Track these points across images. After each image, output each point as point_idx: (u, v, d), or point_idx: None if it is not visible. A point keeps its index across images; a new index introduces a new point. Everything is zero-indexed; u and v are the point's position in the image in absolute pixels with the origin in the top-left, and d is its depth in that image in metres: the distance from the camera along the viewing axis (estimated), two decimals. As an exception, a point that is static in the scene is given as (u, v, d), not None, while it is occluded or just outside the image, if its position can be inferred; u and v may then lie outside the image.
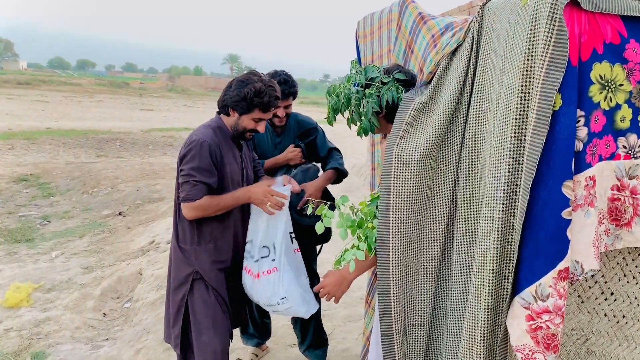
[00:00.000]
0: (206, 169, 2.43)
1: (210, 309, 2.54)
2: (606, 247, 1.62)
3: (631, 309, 1.83)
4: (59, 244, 6.49)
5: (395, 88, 2.19)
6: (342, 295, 2.15)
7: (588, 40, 1.50)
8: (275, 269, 2.54)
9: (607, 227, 1.60)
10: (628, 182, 1.58)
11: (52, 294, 4.93)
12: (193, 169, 2.41)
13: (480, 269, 1.71)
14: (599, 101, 1.51)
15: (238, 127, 2.55)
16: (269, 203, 2.50)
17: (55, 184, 9.68)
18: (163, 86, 62.26)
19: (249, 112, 2.49)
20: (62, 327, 4.23)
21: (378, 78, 2.23)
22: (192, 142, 2.45)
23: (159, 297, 4.59)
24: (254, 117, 2.51)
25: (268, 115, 2.55)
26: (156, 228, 6.84)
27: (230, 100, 2.50)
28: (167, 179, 9.94)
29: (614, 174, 1.57)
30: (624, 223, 1.61)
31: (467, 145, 1.92)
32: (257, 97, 2.45)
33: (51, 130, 16.50)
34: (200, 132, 2.51)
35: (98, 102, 33.58)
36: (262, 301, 2.59)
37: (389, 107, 2.19)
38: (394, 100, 2.18)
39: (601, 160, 1.55)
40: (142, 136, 17.12)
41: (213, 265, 2.57)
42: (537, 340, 1.54)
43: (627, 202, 1.58)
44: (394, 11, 2.48)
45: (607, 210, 1.60)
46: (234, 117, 2.54)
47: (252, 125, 2.53)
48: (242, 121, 2.53)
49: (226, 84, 2.60)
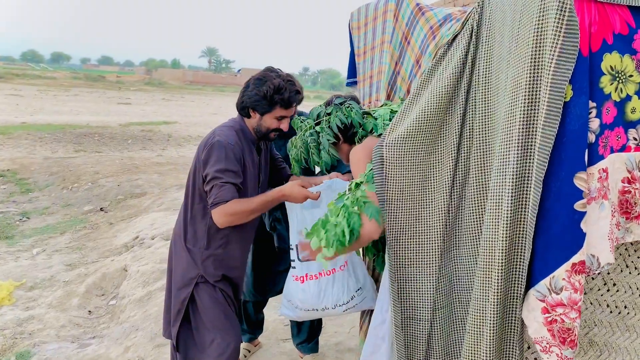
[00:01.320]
0: (233, 171, 2.32)
1: (220, 307, 2.50)
2: (617, 240, 1.62)
3: (633, 299, 1.84)
4: (39, 241, 6.35)
5: (341, 111, 2.26)
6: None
7: (598, 31, 1.49)
8: (345, 264, 2.46)
9: (617, 220, 1.60)
10: (639, 174, 1.58)
11: (34, 292, 4.81)
12: (219, 171, 2.30)
13: (487, 263, 1.69)
14: (609, 92, 1.50)
15: (261, 127, 2.46)
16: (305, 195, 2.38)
17: (34, 180, 9.46)
18: (140, 79, 61.35)
19: (271, 111, 2.41)
20: (46, 326, 4.13)
21: (322, 113, 2.32)
22: (215, 143, 2.34)
23: (146, 294, 4.52)
24: (277, 116, 2.43)
25: (290, 111, 2.46)
26: (140, 224, 6.73)
27: (250, 101, 2.42)
28: (148, 173, 9.79)
29: (625, 166, 1.57)
30: (634, 216, 1.61)
31: (478, 138, 1.90)
32: (277, 94, 2.37)
33: (27, 125, 16.12)
34: (223, 133, 2.41)
35: (74, 95, 32.92)
36: (330, 303, 2.46)
37: (342, 131, 2.27)
38: (344, 122, 2.24)
39: (612, 152, 1.54)
40: (120, 130, 16.83)
41: (217, 271, 2.52)
42: (553, 334, 1.54)
43: (637, 195, 1.58)
44: (391, 1, 2.46)
45: (618, 203, 1.60)
46: (256, 118, 2.46)
47: (275, 124, 2.45)
48: (265, 121, 2.44)
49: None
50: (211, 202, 2.31)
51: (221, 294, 2.53)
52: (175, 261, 2.57)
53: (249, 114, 2.47)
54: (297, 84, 2.46)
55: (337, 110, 2.27)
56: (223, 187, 2.29)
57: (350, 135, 2.27)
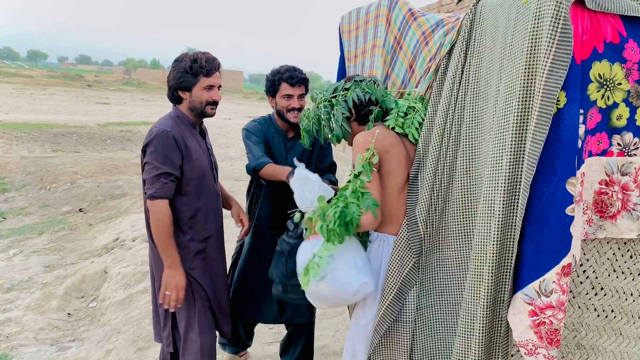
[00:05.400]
0: (170, 159, 2.37)
1: (192, 306, 2.49)
2: (587, 235, 1.68)
3: (619, 303, 1.87)
4: (16, 242, 6.21)
5: (359, 88, 2.23)
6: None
7: (589, 39, 1.52)
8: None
9: (590, 217, 1.66)
10: (620, 178, 1.64)
11: (11, 294, 4.70)
12: (156, 159, 2.36)
13: (478, 265, 1.72)
14: (595, 99, 1.55)
15: (195, 104, 2.49)
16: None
17: (10, 179, 9.26)
18: (119, 79, 60.61)
19: (196, 83, 2.45)
20: (24, 329, 4.04)
21: (340, 87, 2.29)
22: (152, 134, 2.41)
23: (128, 296, 4.45)
24: (203, 86, 2.47)
25: (215, 79, 2.50)
26: (120, 225, 6.63)
27: (175, 82, 2.47)
28: (128, 174, 9.66)
29: (604, 169, 1.63)
30: (609, 215, 1.68)
31: (464, 143, 1.93)
32: (194, 63, 2.43)
33: (2, 124, 15.78)
34: (160, 123, 2.47)
35: (51, 94, 32.34)
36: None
37: (357, 108, 2.23)
38: (361, 99, 2.21)
39: (591, 155, 1.60)
40: (99, 130, 16.59)
41: (195, 256, 2.52)
42: (541, 336, 1.56)
43: (614, 197, 1.64)
44: (383, 6, 2.47)
45: (592, 202, 1.67)
46: (186, 97, 2.50)
47: (206, 96, 2.48)
48: (195, 96, 2.48)
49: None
50: (149, 194, 2.36)
51: (198, 292, 2.52)
52: (152, 261, 2.57)
53: (179, 97, 2.51)
54: (211, 55, 2.52)
55: (356, 86, 2.25)
56: (165, 183, 2.35)
57: (364, 113, 2.24)
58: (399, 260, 2.09)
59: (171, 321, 2.51)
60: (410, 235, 2.07)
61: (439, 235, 2.09)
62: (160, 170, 2.35)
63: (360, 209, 1.96)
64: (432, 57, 2.13)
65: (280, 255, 2.50)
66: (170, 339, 2.52)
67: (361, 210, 1.96)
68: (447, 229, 2.06)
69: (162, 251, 2.39)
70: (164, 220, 2.36)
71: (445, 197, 2.04)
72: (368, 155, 2.01)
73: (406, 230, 2.08)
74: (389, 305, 2.10)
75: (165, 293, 2.40)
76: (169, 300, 2.40)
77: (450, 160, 2.00)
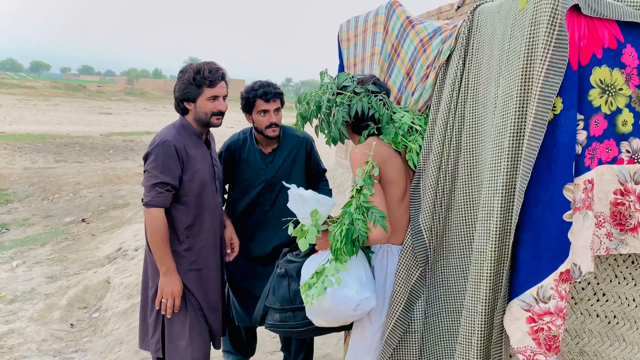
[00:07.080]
0: (169, 168, 2.39)
1: (183, 314, 2.49)
2: (608, 250, 1.64)
3: (622, 309, 1.86)
4: (19, 253, 6.22)
5: (367, 99, 2.14)
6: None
7: (587, 45, 1.52)
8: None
9: (609, 230, 1.62)
10: (634, 187, 1.60)
11: (14, 305, 4.71)
12: (155, 168, 2.38)
13: (477, 273, 1.71)
14: (599, 105, 1.53)
15: (200, 115, 2.51)
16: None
17: (13, 190, 9.30)
18: (121, 89, 60.89)
19: (200, 93, 2.47)
20: (27, 340, 4.04)
21: (350, 87, 2.20)
22: (155, 142, 2.43)
23: (130, 306, 4.45)
24: (207, 97, 2.48)
25: (219, 90, 2.51)
26: (122, 235, 6.64)
27: (180, 93, 2.50)
28: (131, 184, 9.68)
29: (617, 178, 1.59)
30: (630, 228, 1.62)
31: (465, 150, 1.93)
32: (198, 74, 2.45)
33: (6, 135, 15.87)
34: (163, 132, 2.50)
35: (54, 105, 32.53)
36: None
37: (357, 117, 2.16)
38: (363, 111, 2.13)
39: (601, 163, 1.57)
40: (102, 140, 16.67)
41: (190, 266, 2.52)
42: (539, 342, 1.55)
43: (632, 207, 1.60)
44: (381, 14, 2.48)
45: (610, 215, 1.62)
46: (192, 108, 2.52)
47: (210, 106, 2.50)
48: (200, 107, 2.50)
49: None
50: (145, 202, 2.39)
51: (191, 302, 2.51)
52: (147, 268, 2.58)
53: (185, 108, 2.53)
54: (216, 65, 2.55)
55: (366, 96, 2.15)
56: (161, 193, 2.37)
57: (362, 126, 2.19)
58: (405, 269, 2.08)
59: (161, 328, 2.51)
60: (415, 244, 2.06)
61: (443, 243, 2.08)
62: (157, 179, 2.37)
63: (367, 224, 1.94)
64: (429, 65, 2.13)
65: (282, 278, 2.37)
66: (160, 345, 2.52)
67: (368, 225, 1.94)
68: (450, 236, 2.06)
69: (157, 258, 2.41)
70: (159, 228, 2.38)
71: (448, 204, 2.04)
72: (368, 168, 1.99)
73: (411, 239, 2.07)
74: (400, 317, 2.07)
75: (162, 300, 2.42)
76: (165, 306, 2.43)
77: (452, 168, 1.99)
